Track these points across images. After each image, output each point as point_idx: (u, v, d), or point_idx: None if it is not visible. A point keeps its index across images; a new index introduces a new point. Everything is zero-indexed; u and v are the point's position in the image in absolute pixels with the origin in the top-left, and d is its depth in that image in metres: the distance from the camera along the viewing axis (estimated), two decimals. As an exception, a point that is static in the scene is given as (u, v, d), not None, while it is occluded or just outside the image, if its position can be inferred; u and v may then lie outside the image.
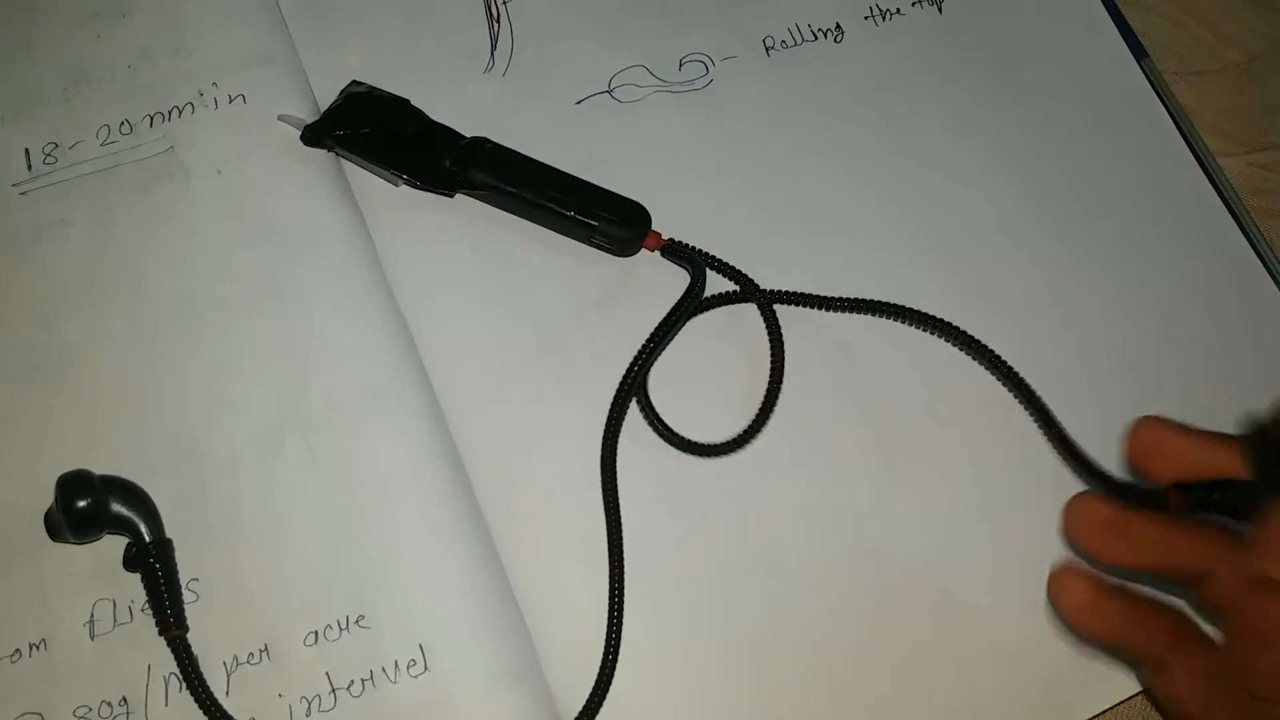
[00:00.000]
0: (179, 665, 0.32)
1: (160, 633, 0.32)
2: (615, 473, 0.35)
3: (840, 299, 0.38)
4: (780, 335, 0.37)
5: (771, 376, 0.37)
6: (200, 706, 0.32)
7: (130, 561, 0.33)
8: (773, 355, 0.37)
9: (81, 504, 0.32)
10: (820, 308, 0.38)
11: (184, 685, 0.32)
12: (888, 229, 0.40)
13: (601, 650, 0.34)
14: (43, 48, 0.40)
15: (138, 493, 0.33)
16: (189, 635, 0.33)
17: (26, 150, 0.38)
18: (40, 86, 0.39)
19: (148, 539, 0.33)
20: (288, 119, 0.38)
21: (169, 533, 0.33)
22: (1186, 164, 0.42)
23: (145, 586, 0.33)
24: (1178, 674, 0.29)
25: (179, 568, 0.33)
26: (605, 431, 0.36)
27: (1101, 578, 0.31)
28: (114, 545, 0.33)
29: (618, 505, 0.35)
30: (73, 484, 0.32)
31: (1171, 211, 0.41)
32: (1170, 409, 0.38)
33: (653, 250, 0.38)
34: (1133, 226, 0.41)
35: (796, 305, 0.38)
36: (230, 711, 0.32)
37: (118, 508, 0.33)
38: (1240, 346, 0.40)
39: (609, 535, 0.35)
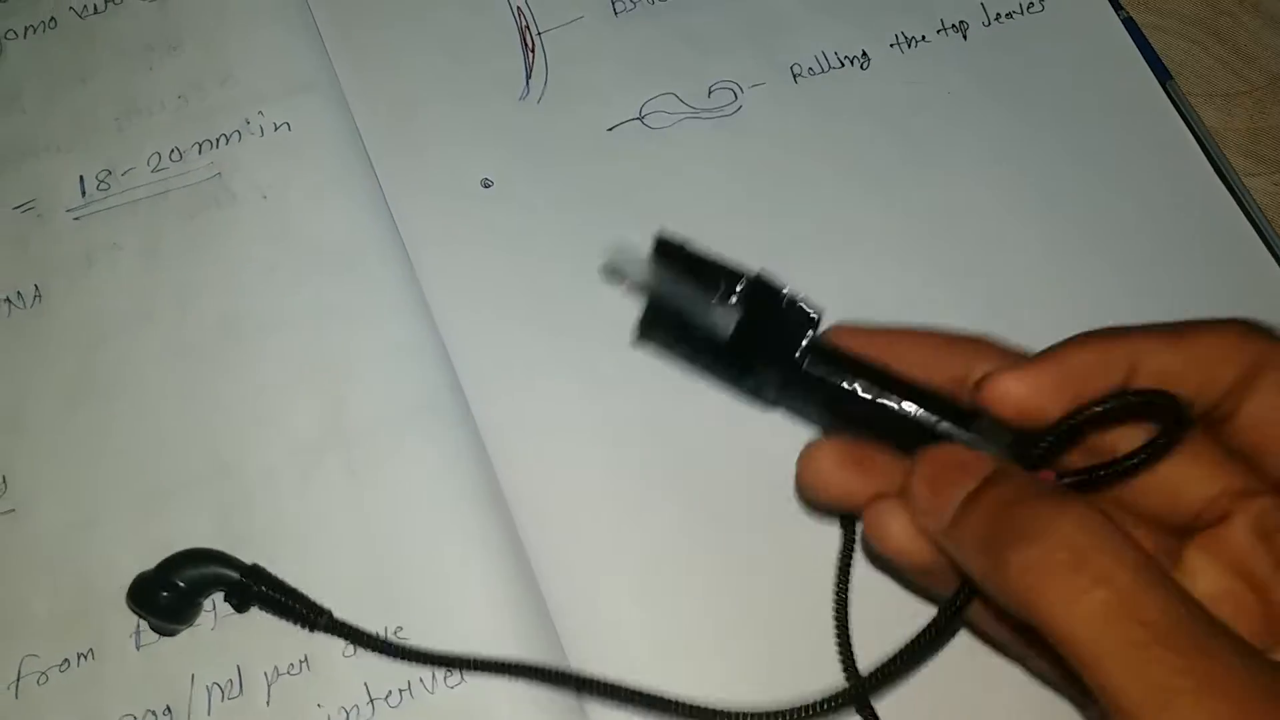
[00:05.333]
0: (350, 640, 0.33)
1: (311, 630, 0.33)
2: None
3: None
4: None
5: None
6: (395, 656, 0.33)
7: (242, 605, 0.33)
8: None
9: (165, 595, 0.32)
10: None
11: (235, 692, 0.33)
12: (913, 254, 0.40)
13: (634, 664, 0.34)
14: (97, 80, 0.42)
15: (196, 553, 0.33)
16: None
17: (81, 177, 0.40)
18: (95, 117, 0.41)
19: (239, 578, 0.33)
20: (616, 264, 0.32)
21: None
22: (1212, 185, 0.42)
23: (272, 612, 0.33)
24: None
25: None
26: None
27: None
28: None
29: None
30: (141, 589, 0.33)
31: (1198, 232, 0.41)
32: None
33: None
34: (1160, 248, 0.41)
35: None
36: (271, 721, 0.32)
37: (193, 573, 0.33)
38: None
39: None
